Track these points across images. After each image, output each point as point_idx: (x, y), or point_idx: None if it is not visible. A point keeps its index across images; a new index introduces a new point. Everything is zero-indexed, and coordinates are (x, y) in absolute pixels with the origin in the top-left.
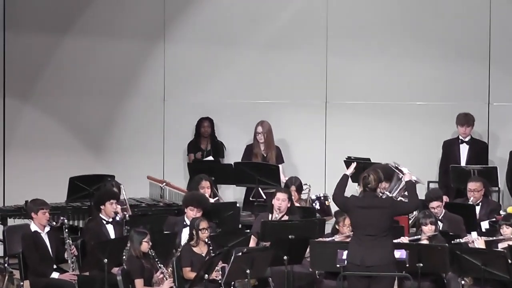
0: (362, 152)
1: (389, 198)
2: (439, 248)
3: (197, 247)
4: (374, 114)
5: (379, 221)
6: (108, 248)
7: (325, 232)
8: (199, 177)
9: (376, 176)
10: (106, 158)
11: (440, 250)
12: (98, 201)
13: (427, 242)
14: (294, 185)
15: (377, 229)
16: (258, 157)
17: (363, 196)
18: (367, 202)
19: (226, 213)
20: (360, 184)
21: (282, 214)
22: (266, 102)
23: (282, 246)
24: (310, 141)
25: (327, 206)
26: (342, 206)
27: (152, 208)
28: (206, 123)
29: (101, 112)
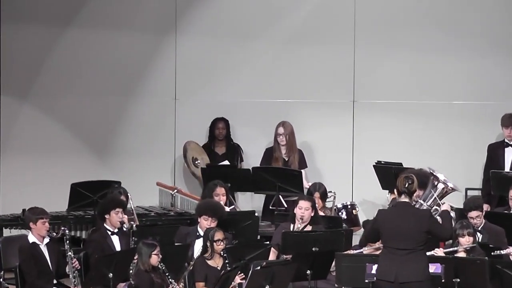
0: (393, 156)
1: (427, 211)
2: (478, 261)
3: (212, 260)
4: (406, 114)
5: (415, 233)
6: (114, 262)
7: (352, 244)
8: (214, 184)
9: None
10: (112, 163)
11: (479, 264)
12: (103, 210)
13: (465, 255)
14: (318, 192)
15: (412, 242)
16: (278, 162)
17: (396, 205)
18: (401, 211)
19: (244, 223)
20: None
21: (305, 224)
22: (287, 101)
23: (305, 260)
24: (336, 143)
25: (354, 215)
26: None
27: (162, 217)
28: (221, 124)
29: (106, 112)
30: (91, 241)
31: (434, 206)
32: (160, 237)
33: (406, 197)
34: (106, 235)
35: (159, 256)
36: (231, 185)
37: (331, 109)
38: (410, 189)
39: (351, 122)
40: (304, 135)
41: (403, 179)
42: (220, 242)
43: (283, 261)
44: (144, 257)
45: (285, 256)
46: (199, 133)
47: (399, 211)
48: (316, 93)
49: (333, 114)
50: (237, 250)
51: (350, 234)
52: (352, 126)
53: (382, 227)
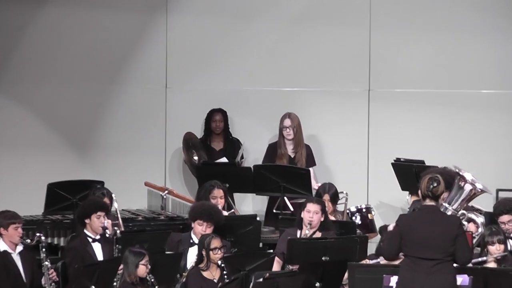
0: (414, 152)
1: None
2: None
3: (207, 271)
4: (429, 105)
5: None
6: (96, 273)
7: (367, 253)
8: (210, 184)
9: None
10: (94, 160)
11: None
12: (83, 213)
13: (495, 265)
14: (328, 193)
15: (440, 252)
16: (283, 159)
17: (421, 209)
18: (427, 217)
19: (244, 229)
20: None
21: (314, 230)
22: (293, 90)
23: (314, 271)
24: (349, 138)
25: (370, 220)
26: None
27: (151, 222)
28: (218, 116)
29: (88, 103)
30: (70, 249)
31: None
32: (148, 244)
33: (431, 200)
34: (87, 243)
35: (148, 266)
36: (230, 186)
37: (343, 99)
38: (436, 192)
39: (366, 114)
40: (313, 129)
41: (427, 181)
42: (217, 251)
43: (288, 272)
44: (131, 268)
45: (291, 267)
46: (193, 126)
47: (424, 216)
48: (326, 81)
49: (346, 104)
50: (236, 260)
51: (365, 242)
52: (367, 118)
53: (404, 234)
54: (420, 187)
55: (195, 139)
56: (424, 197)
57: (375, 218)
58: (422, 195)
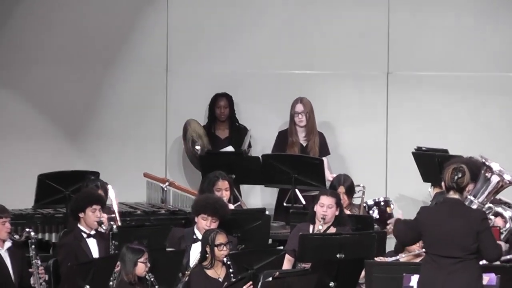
0: (436, 140)
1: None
2: None
3: (212, 269)
4: (453, 89)
5: (466, 238)
6: (91, 271)
7: (386, 250)
8: (215, 175)
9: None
10: (88, 149)
11: None
12: (77, 207)
13: None
14: (343, 185)
15: (463, 249)
16: (295, 148)
17: (444, 201)
18: (450, 210)
19: (252, 224)
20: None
21: (328, 225)
22: (305, 72)
23: (328, 269)
24: (366, 125)
25: (388, 214)
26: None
27: (151, 216)
28: (223, 101)
29: (82, 87)
30: (62, 245)
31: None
32: (147, 241)
33: (456, 193)
34: (81, 238)
35: (147, 264)
36: (236, 177)
37: (359, 82)
38: (461, 184)
39: (385, 99)
40: (327, 115)
41: (451, 172)
42: (222, 247)
43: (300, 270)
44: (128, 266)
45: (303, 265)
46: (196, 113)
47: (447, 210)
48: (341, 63)
49: (363, 89)
50: (243, 257)
51: (384, 238)
52: (385, 103)
53: (425, 229)
54: (443, 178)
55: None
56: (448, 189)
57: (394, 212)
58: (445, 187)
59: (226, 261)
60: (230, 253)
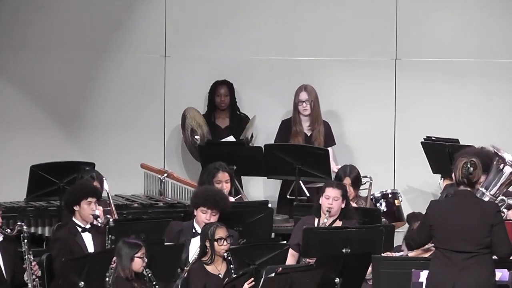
0: (446, 130)
1: (495, 204)
2: None
3: (212, 265)
4: (463, 76)
5: (478, 232)
6: (86, 267)
7: (394, 244)
8: (215, 167)
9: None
10: (83, 139)
11: None
12: (72, 199)
13: None
14: (349, 177)
15: (475, 243)
16: (299, 137)
17: (455, 194)
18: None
19: (254, 217)
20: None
21: (334, 219)
22: (310, 59)
23: (333, 264)
24: (373, 114)
25: (396, 207)
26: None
27: (148, 209)
28: (223, 89)
29: (76, 74)
30: (56, 239)
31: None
32: (145, 235)
33: (467, 187)
34: (76, 232)
35: (144, 259)
36: (238, 168)
37: (366, 69)
38: (472, 179)
39: (393, 86)
40: (332, 103)
41: (462, 165)
42: (222, 242)
43: (304, 266)
44: (125, 261)
45: (307, 260)
46: (196, 101)
47: (458, 203)
48: (347, 49)
49: (369, 76)
50: (244, 252)
51: (392, 232)
52: (393, 91)
53: (435, 223)
54: (453, 171)
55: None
56: (459, 183)
57: (403, 205)
58: (456, 181)
59: (227, 256)
60: (231, 248)
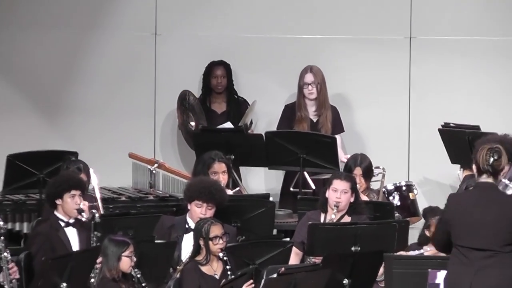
0: (466, 115)
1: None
2: None
3: (207, 265)
4: (484, 56)
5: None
6: (69, 266)
7: (408, 242)
8: (210, 156)
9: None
10: (66, 126)
11: None
12: (54, 192)
13: None
14: (360, 167)
15: (494, 241)
16: (303, 124)
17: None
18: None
19: (253, 212)
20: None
21: (342, 214)
22: (315, 37)
23: (342, 264)
24: (386, 97)
25: (411, 200)
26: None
27: (137, 203)
28: (219, 70)
29: (59, 54)
30: (36, 235)
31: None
32: (133, 231)
33: (490, 177)
34: (58, 228)
35: (133, 259)
36: (236, 158)
37: (378, 48)
38: (497, 167)
39: (407, 67)
40: (340, 86)
41: (486, 152)
42: (217, 240)
43: (309, 266)
44: (111, 261)
45: (313, 259)
46: (189, 83)
47: (479, 196)
48: (357, 27)
49: (382, 56)
50: (243, 251)
51: (406, 228)
52: (408, 72)
53: (453, 219)
54: (475, 160)
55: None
56: (482, 172)
57: (418, 198)
58: (478, 169)
59: (222, 256)
60: (228, 246)
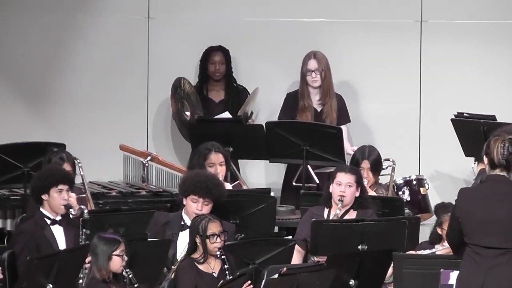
0: (481, 104)
1: None
2: None
3: (205, 264)
4: (500, 41)
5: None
6: (55, 266)
7: (419, 240)
8: (207, 148)
9: None
10: (51, 116)
11: None
12: (39, 187)
13: None
14: (367, 160)
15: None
16: (307, 113)
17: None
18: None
19: (253, 208)
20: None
21: (347, 209)
22: (320, 21)
23: (347, 264)
24: (395, 85)
25: (422, 195)
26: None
27: (129, 198)
28: (217, 56)
29: (45, 39)
30: (20, 233)
31: None
32: (125, 229)
33: (503, 170)
34: (44, 225)
35: (124, 258)
36: (234, 150)
37: (387, 33)
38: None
39: (418, 53)
40: (347, 73)
41: (499, 144)
42: (215, 238)
43: (313, 265)
44: (101, 260)
45: (316, 258)
46: (185, 70)
47: (490, 191)
48: (365, 10)
49: (390, 40)
50: (242, 249)
51: (416, 225)
52: (419, 58)
53: (464, 215)
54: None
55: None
56: (495, 165)
57: (430, 194)
58: (490, 163)
59: (220, 255)
60: (226, 244)
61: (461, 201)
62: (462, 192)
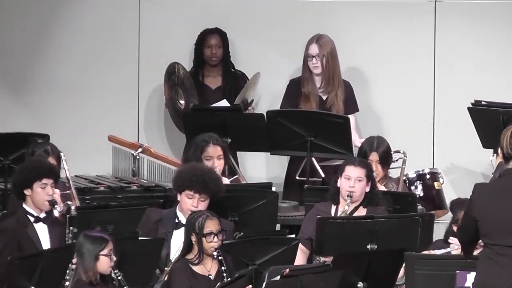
0: (499, 91)
1: None
2: None
3: (200, 265)
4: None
5: None
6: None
7: (433, 239)
8: (203, 139)
9: None
10: (34, 104)
11: None
12: (22, 181)
13: None
14: (377, 152)
15: None
16: (311, 101)
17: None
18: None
19: (253, 204)
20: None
21: (356, 206)
22: (325, 0)
23: (355, 264)
24: (407, 71)
25: (437, 190)
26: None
27: (118, 194)
28: (214, 40)
29: (26, 23)
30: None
31: None
32: (114, 226)
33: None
34: (27, 223)
35: (112, 258)
36: (233, 141)
37: (399, 13)
38: None
39: (432, 36)
40: (354, 58)
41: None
42: (213, 237)
43: (318, 266)
44: (88, 261)
45: (322, 259)
46: (179, 54)
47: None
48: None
49: (402, 22)
50: (242, 249)
51: (430, 222)
52: (432, 41)
53: (481, 213)
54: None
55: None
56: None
57: (445, 189)
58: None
59: (217, 255)
60: (224, 243)
61: (477, 198)
62: (477, 188)
